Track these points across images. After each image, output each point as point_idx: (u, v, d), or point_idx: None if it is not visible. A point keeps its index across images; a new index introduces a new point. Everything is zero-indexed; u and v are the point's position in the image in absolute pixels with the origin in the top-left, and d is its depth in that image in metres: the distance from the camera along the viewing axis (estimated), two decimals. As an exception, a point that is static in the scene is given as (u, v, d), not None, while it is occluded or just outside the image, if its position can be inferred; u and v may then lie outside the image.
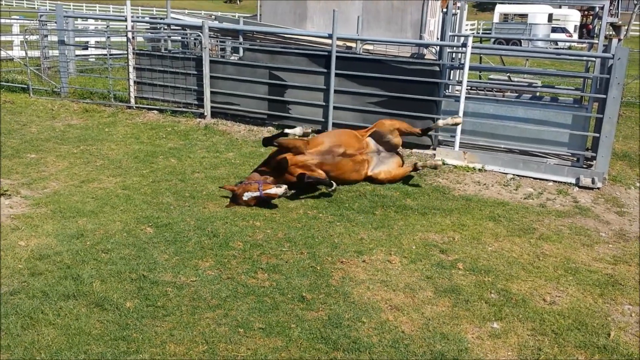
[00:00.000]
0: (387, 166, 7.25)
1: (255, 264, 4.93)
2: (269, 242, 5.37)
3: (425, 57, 13.04)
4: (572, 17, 36.06)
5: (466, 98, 8.39)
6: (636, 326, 4.24)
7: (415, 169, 7.34)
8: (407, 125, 7.60)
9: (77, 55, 15.96)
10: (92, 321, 4.00)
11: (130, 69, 10.80)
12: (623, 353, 3.87)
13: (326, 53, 9.45)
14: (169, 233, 5.48)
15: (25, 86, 12.21)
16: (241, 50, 11.47)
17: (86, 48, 18.02)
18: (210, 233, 5.50)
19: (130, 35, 10.73)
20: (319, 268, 4.90)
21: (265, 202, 6.27)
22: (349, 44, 12.56)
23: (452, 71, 9.41)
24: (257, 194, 6.18)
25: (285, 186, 6.18)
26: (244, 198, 6.22)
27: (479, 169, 8.09)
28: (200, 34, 10.10)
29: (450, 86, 9.25)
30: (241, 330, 3.95)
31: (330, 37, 9.32)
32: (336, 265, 4.97)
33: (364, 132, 7.36)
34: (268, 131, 9.63)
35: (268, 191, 6.18)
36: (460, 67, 8.67)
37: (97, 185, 6.79)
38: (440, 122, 7.59)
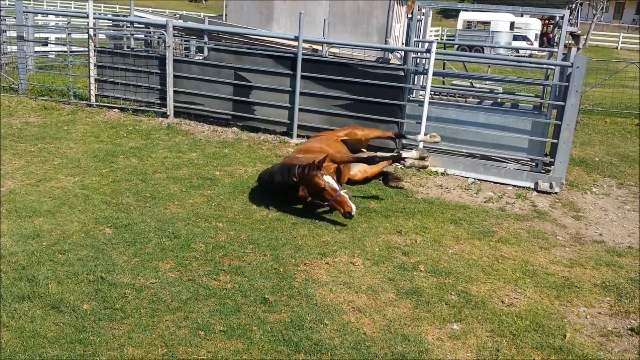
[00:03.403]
0: (359, 166, 7.28)
1: (217, 265, 4.87)
2: (232, 244, 5.32)
3: (390, 61, 13.15)
4: (533, 26, 36.95)
5: (429, 103, 8.50)
6: (591, 328, 4.36)
7: (397, 159, 7.21)
8: (380, 132, 7.74)
9: (36, 52, 15.50)
10: (48, 324, 3.89)
11: (91, 67, 10.56)
12: (578, 354, 3.97)
13: (292, 55, 9.43)
14: (128, 234, 5.37)
15: (-19, 82, 11.80)
16: (206, 50, 11.35)
17: (46, 44, 17.54)
18: (172, 234, 5.42)
19: (91, 32, 10.50)
20: (281, 270, 4.88)
21: (314, 205, 6.16)
22: (315, 46, 12.57)
23: (416, 76, 9.51)
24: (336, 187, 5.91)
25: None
26: (325, 179, 5.90)
27: (441, 173, 8.20)
28: (164, 32, 9.95)
29: (414, 91, 9.36)
30: (201, 332, 3.90)
31: (296, 39, 9.31)
32: (299, 267, 4.96)
33: (339, 135, 7.43)
34: (232, 132, 9.55)
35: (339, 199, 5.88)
36: (424, 72, 8.77)
37: (55, 185, 6.61)
38: (419, 137, 7.69)
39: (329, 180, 5.89)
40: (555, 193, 7.66)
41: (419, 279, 4.90)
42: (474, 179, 8.07)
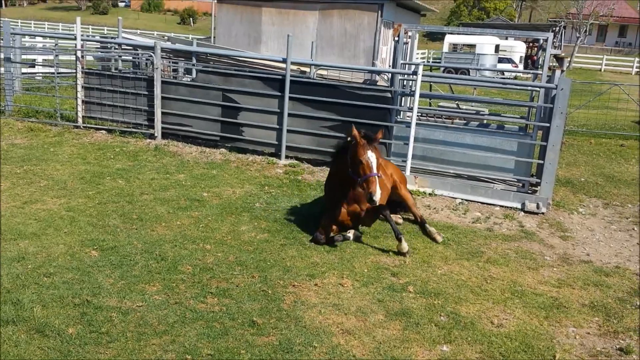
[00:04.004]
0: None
1: (204, 288, 4.82)
2: (220, 266, 5.27)
3: (378, 83, 13.27)
4: (517, 48, 37.49)
5: (417, 124, 8.56)
6: (580, 348, 4.35)
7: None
8: (414, 208, 6.97)
9: (23, 73, 15.47)
10: (32, 348, 3.82)
11: (79, 88, 10.54)
12: (567, 374, 3.96)
13: (280, 77, 9.49)
14: (114, 256, 5.31)
15: (-34, 103, 11.72)
16: (194, 72, 11.39)
17: (33, 66, 17.51)
18: (158, 256, 5.36)
19: (79, 54, 10.50)
20: (270, 292, 4.83)
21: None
22: (303, 68, 12.66)
23: (403, 98, 9.60)
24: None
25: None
26: (369, 154, 5.53)
27: (429, 194, 8.23)
28: (152, 54, 9.98)
29: (401, 112, 9.43)
30: (189, 356, 3.84)
31: (284, 61, 9.37)
32: (288, 289, 4.92)
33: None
34: (220, 153, 9.54)
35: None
36: (411, 94, 8.86)
37: (41, 207, 6.54)
38: (433, 232, 6.64)
39: (371, 156, 5.56)
40: (542, 213, 7.71)
41: (408, 300, 4.88)
42: (462, 199, 8.11)
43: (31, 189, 7.15)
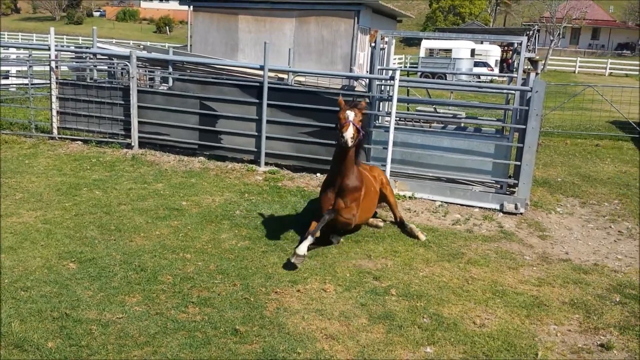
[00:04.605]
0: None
1: (185, 298, 4.77)
2: (200, 275, 5.22)
3: (356, 89, 13.32)
4: (493, 52, 38.03)
5: (395, 129, 8.61)
6: (562, 345, 4.39)
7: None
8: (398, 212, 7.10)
9: (-5, 85, 15.24)
10: (8, 365, 3.73)
11: (53, 99, 10.40)
12: (550, 372, 3.99)
13: (258, 84, 9.47)
14: (93, 268, 5.23)
15: (-63, 116, 11.49)
16: (170, 80, 11.32)
17: (7, 77, 17.25)
18: (138, 267, 5.29)
19: (53, 64, 10.36)
20: (252, 299, 4.80)
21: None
22: (280, 75, 12.66)
23: (381, 103, 9.64)
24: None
25: None
26: (347, 112, 5.71)
27: (409, 197, 8.27)
28: (128, 63, 9.89)
29: (380, 117, 9.47)
30: (171, 367, 3.79)
31: (262, 68, 9.36)
32: (270, 296, 4.89)
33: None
34: (199, 161, 9.48)
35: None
36: (389, 99, 8.90)
37: (16, 220, 6.41)
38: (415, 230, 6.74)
39: (349, 113, 5.73)
40: (521, 214, 7.80)
41: (390, 303, 4.88)
42: (441, 201, 8.16)
43: (6, 202, 7.01)
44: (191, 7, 22.94)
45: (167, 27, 76.42)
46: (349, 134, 5.60)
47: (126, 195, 7.57)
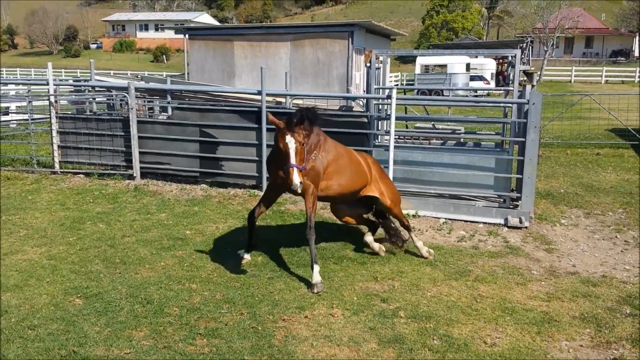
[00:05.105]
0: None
1: (193, 329, 4.74)
2: (207, 305, 5.19)
3: (353, 109, 13.39)
4: (488, 66, 38.23)
5: (395, 147, 8.63)
6: (574, 361, 4.34)
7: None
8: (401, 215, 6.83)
9: (-4, 122, 15.35)
10: (16, 407, 3.69)
11: (54, 133, 10.46)
12: (564, 389, 3.94)
13: (256, 109, 9.52)
14: (99, 303, 5.20)
15: (-61, 156, 11.54)
16: (169, 109, 11.38)
17: (7, 113, 17.35)
18: (144, 300, 5.27)
19: (52, 99, 10.44)
20: (260, 328, 4.76)
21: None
22: (278, 99, 12.74)
23: (379, 122, 9.68)
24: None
25: None
26: (287, 139, 5.22)
27: (413, 215, 8.25)
28: (126, 94, 9.96)
29: (379, 136, 9.49)
30: (181, 402, 3.75)
31: (259, 93, 9.42)
32: (278, 324, 4.86)
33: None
34: (201, 189, 9.49)
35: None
36: (387, 117, 8.94)
37: (21, 257, 6.40)
38: (418, 244, 6.63)
39: (289, 141, 5.22)
40: (526, 227, 7.77)
41: (400, 325, 4.84)
42: (445, 218, 8.14)
43: (11, 240, 7.01)
44: (187, 35, 23.19)
45: (164, 56, 77.11)
46: (296, 181, 5.18)
47: (130, 226, 7.56)
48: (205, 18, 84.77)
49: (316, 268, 5.68)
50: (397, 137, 9.50)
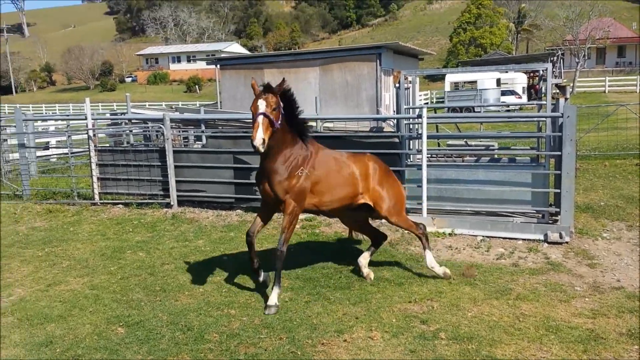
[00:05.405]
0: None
1: (233, 355, 4.76)
2: (246, 330, 5.22)
3: (384, 129, 13.41)
4: (519, 80, 37.85)
5: (428, 165, 8.59)
6: (624, 379, 4.20)
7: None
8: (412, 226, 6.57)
9: (38, 157, 15.88)
10: None
11: (93, 166, 10.76)
12: (616, 409, 3.81)
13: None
14: (141, 331, 5.28)
15: (-15, 192, 11.99)
16: (204, 138, 11.61)
17: (47, 148, 17.96)
18: (184, 327, 5.33)
19: (91, 132, 10.77)
20: (299, 353, 4.76)
21: None
22: (309, 123, 12.85)
23: (411, 141, 9.67)
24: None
25: None
26: (259, 102, 5.35)
27: (449, 234, 8.16)
28: (161, 126, 10.21)
29: (411, 155, 9.47)
30: None
31: (290, 118, 9.52)
32: (317, 348, 4.84)
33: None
34: (237, 214, 9.59)
35: None
36: (419, 136, 8.92)
37: (64, 288, 6.57)
38: (437, 270, 6.42)
39: (260, 104, 5.34)
40: (566, 242, 7.59)
41: (441, 347, 4.77)
42: (483, 236, 8.02)
43: (54, 271, 7.20)
44: (218, 65, 23.69)
45: (197, 86, 78.76)
46: (258, 139, 5.18)
47: (169, 254, 7.69)
48: (236, 48, 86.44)
49: (276, 291, 5.71)
50: (429, 155, 9.46)
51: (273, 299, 5.68)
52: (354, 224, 6.93)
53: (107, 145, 14.20)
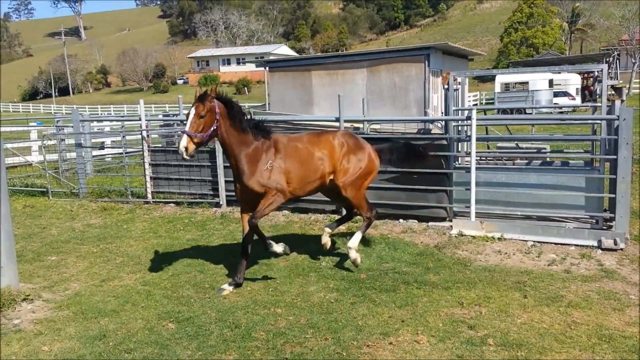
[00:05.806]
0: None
1: (279, 354, 4.83)
2: (292, 330, 5.28)
3: (432, 131, 13.27)
4: (572, 81, 36.72)
5: (477, 168, 8.46)
6: (683, 393, 4.04)
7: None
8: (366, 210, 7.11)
9: (94, 156, 16.47)
10: None
11: (146, 166, 11.09)
12: None
13: (335, 136, 9.65)
14: (190, 327, 5.42)
15: (45, 189, 12.53)
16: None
17: (102, 148, 18.60)
18: (232, 324, 5.43)
19: (144, 133, 11.10)
20: (344, 354, 4.78)
21: None
22: (356, 125, 12.85)
23: (459, 143, 9.54)
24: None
25: None
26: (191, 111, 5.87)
27: (498, 238, 8.01)
28: (212, 127, 10.41)
29: (459, 158, 9.35)
30: None
31: (337, 120, 9.57)
32: (362, 350, 4.85)
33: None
34: (283, 215, 9.70)
35: None
36: (467, 139, 8.80)
37: (118, 283, 6.80)
38: (352, 254, 6.79)
39: (191, 112, 5.81)
40: (621, 249, 7.34)
41: (489, 353, 4.70)
42: (534, 241, 7.83)
43: (108, 267, 7.47)
44: (267, 67, 23.99)
45: (246, 88, 79.94)
46: (182, 145, 5.66)
47: (218, 253, 7.84)
48: (284, 50, 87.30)
49: (243, 263, 6.42)
50: (478, 158, 9.32)
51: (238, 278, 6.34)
52: (333, 195, 7.28)
53: (160, 145, 14.59)
